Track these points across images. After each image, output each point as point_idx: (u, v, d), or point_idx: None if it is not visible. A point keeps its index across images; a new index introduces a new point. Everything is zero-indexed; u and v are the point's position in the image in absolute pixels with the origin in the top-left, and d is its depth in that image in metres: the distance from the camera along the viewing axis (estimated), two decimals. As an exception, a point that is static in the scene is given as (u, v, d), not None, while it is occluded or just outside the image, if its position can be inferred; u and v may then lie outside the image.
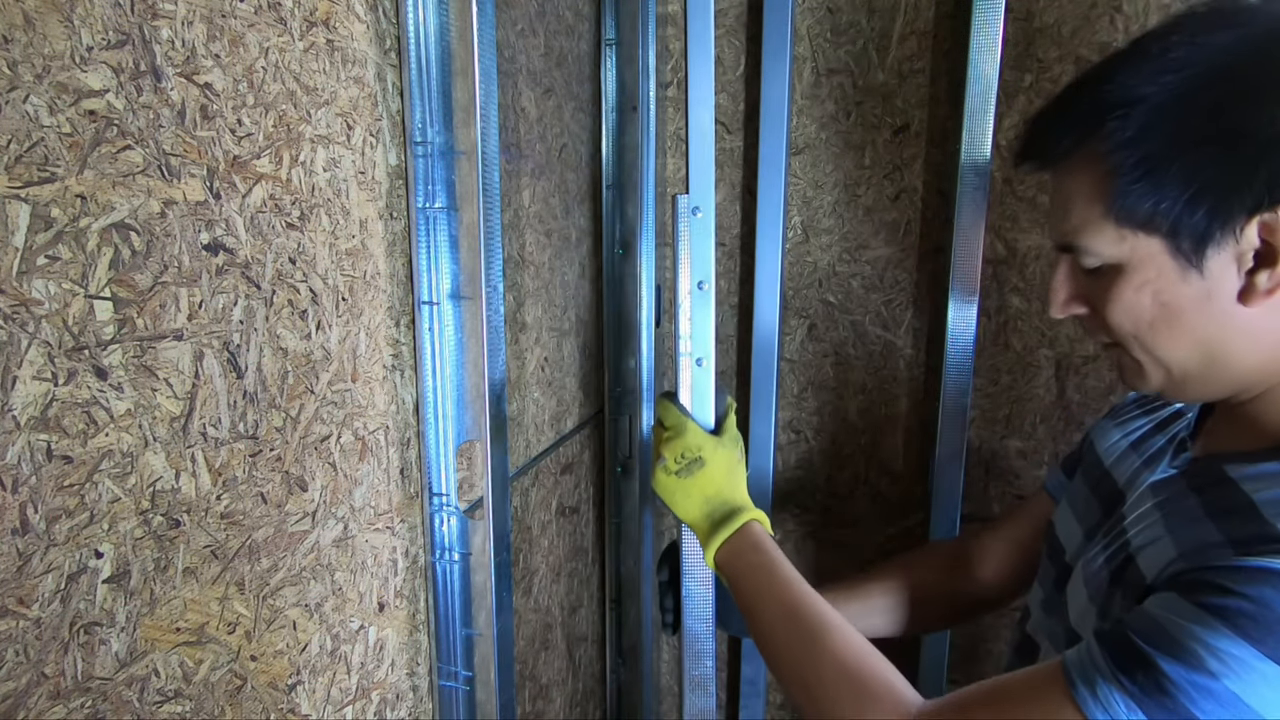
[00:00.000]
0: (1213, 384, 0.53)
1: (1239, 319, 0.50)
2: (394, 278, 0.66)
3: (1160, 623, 0.45)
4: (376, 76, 0.61)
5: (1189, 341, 0.52)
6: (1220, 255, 0.49)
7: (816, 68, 1.14)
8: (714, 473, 0.74)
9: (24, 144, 0.37)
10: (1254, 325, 0.50)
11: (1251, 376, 0.52)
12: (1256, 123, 0.46)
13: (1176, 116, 0.48)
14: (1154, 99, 0.49)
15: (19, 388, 0.37)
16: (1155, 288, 0.51)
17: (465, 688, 0.75)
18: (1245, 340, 0.50)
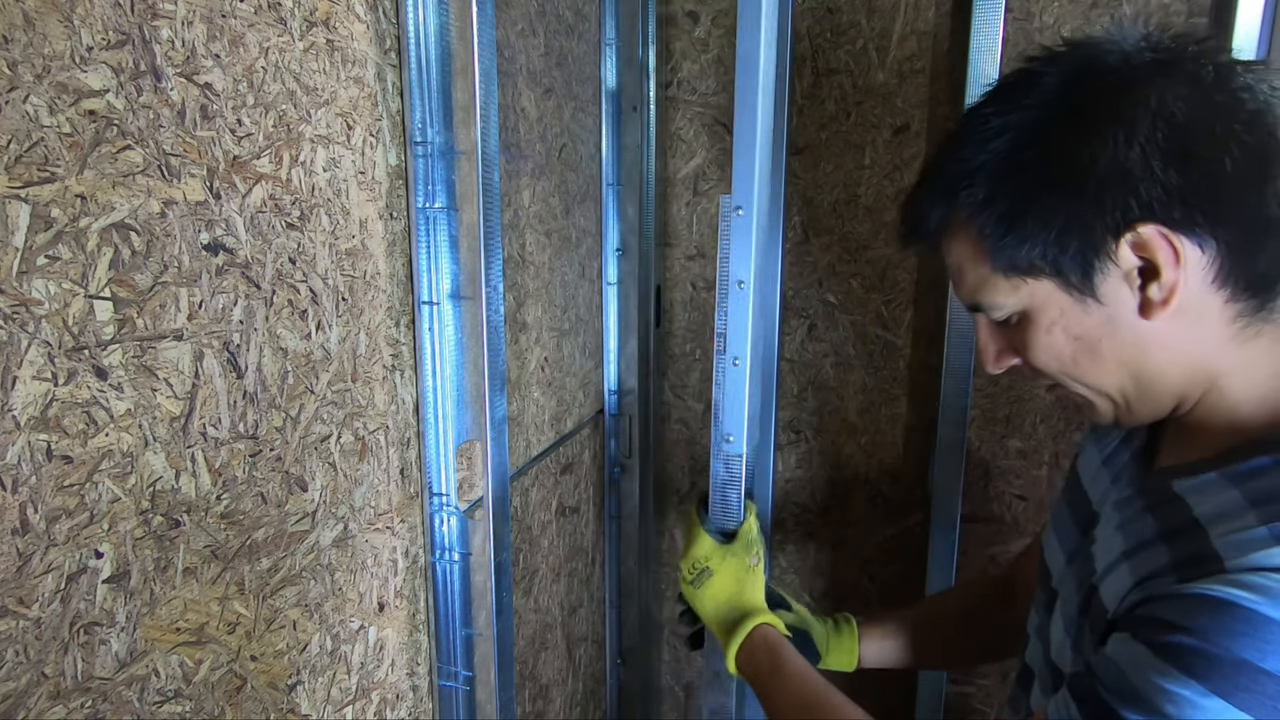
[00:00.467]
0: (1155, 402, 0.55)
1: (1149, 333, 0.52)
2: (394, 278, 0.66)
3: (1122, 671, 0.46)
4: (376, 76, 0.61)
5: (1113, 366, 0.54)
6: (1108, 280, 0.51)
7: (816, 68, 1.14)
8: (722, 581, 0.79)
9: (24, 144, 0.37)
10: (1164, 336, 0.52)
11: (1183, 386, 0.54)
12: (1084, 158, 0.50)
13: (1014, 173, 0.53)
14: (989, 164, 0.54)
15: (19, 388, 0.37)
16: (1063, 324, 0.54)
17: (465, 688, 0.75)
18: (1162, 351, 0.53)
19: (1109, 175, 0.50)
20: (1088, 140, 0.50)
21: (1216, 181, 0.48)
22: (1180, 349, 0.52)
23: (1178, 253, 0.49)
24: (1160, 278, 0.50)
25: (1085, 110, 0.51)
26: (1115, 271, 0.51)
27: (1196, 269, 0.50)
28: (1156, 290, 0.50)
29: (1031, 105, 0.53)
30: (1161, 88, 0.50)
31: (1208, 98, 0.49)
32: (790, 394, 1.25)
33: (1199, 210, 0.49)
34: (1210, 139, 0.49)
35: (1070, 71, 0.53)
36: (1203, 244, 0.49)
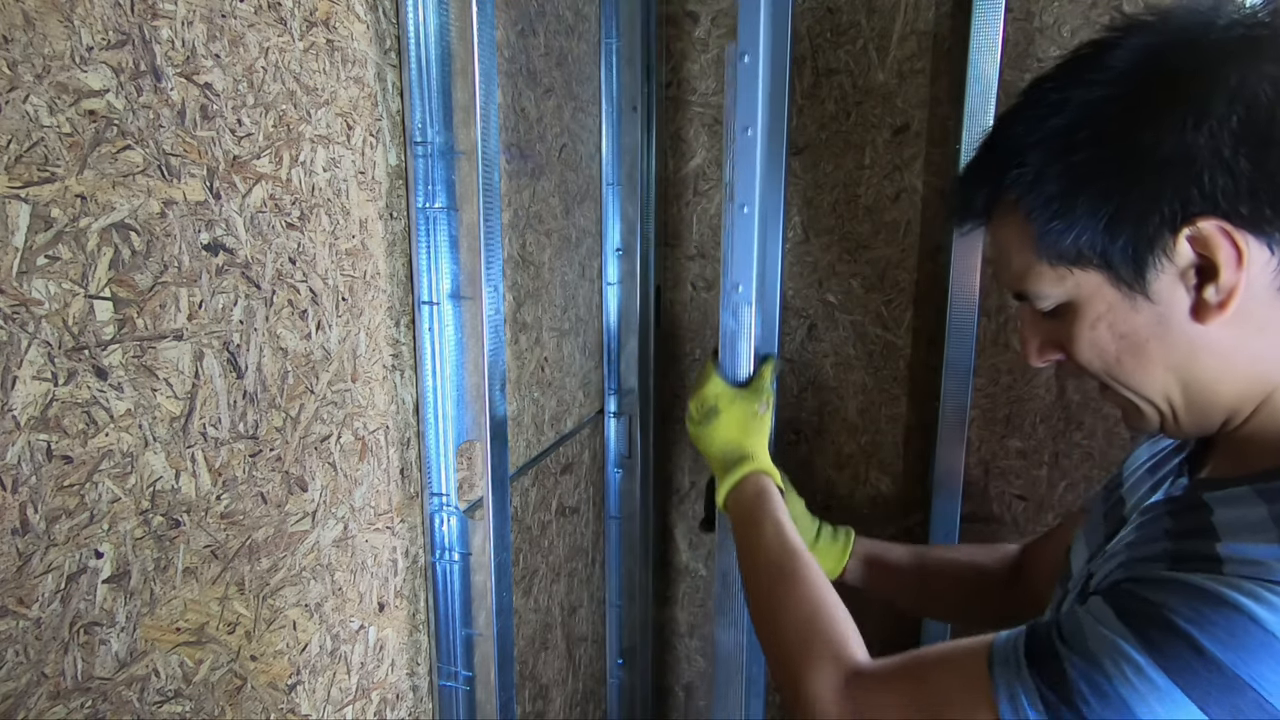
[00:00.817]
0: (1204, 413, 0.52)
1: (1202, 339, 0.48)
2: (394, 278, 0.66)
3: (1081, 624, 0.45)
4: (376, 76, 0.61)
5: (1159, 371, 0.51)
6: (1162, 277, 0.48)
7: (816, 68, 1.14)
8: (727, 422, 0.81)
9: (24, 144, 0.37)
10: (1219, 343, 0.48)
11: (1234, 399, 0.50)
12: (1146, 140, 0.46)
13: (1066, 153, 0.49)
14: (1042, 143, 0.50)
15: (19, 388, 0.37)
16: (1109, 320, 0.51)
17: (465, 688, 0.75)
18: (1214, 360, 0.49)
19: (1171, 160, 0.45)
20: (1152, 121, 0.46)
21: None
22: (1235, 359, 0.48)
23: (1241, 252, 0.45)
24: (1219, 279, 0.46)
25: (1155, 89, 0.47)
26: (1170, 268, 0.47)
27: (1262, 272, 0.46)
28: (1214, 292, 0.46)
29: (1097, 80, 0.49)
30: (1247, 68, 0.44)
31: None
32: (790, 394, 1.25)
33: (1270, 206, 0.44)
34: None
35: (1148, 45, 0.48)
36: (1272, 245, 0.45)
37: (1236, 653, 0.40)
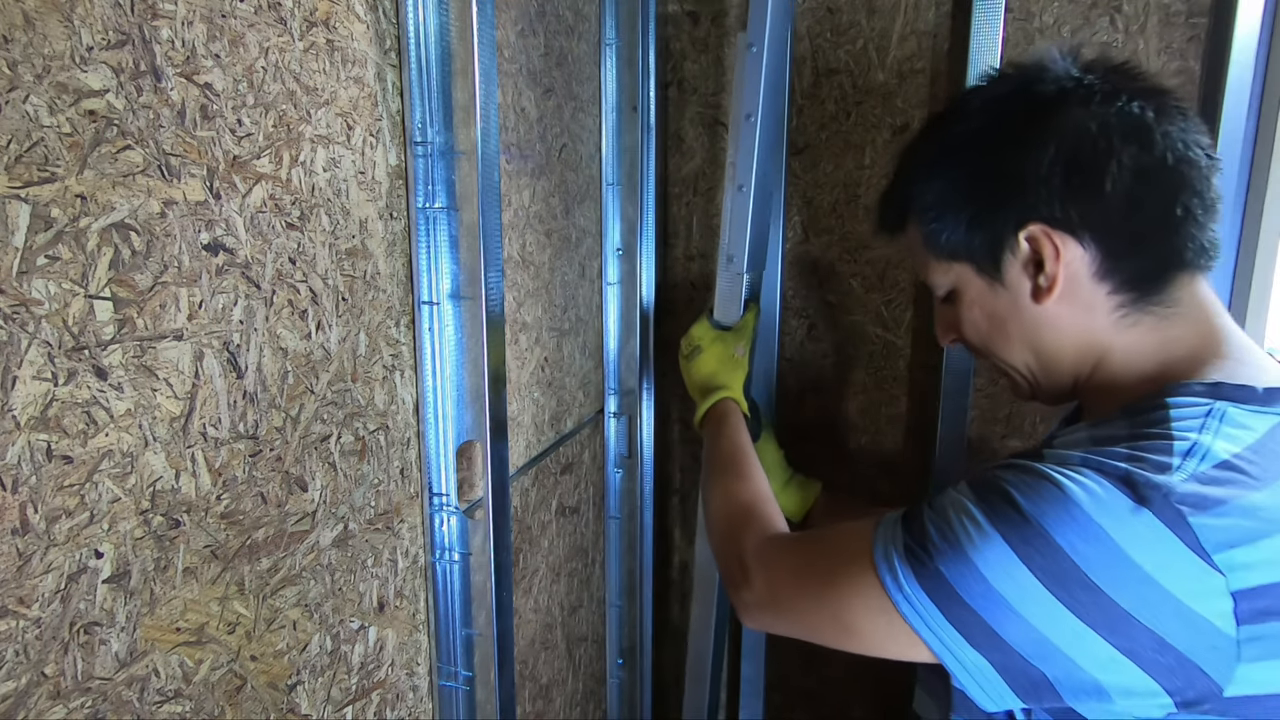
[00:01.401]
0: (1056, 376, 0.64)
1: (1043, 316, 0.61)
2: (394, 278, 0.66)
3: (944, 494, 0.57)
4: (376, 76, 0.61)
5: (1016, 344, 0.64)
6: (1012, 268, 0.62)
7: (816, 68, 1.14)
8: (707, 359, 0.95)
9: (24, 144, 0.37)
10: (1056, 319, 0.61)
11: (1075, 363, 0.63)
12: (996, 165, 0.61)
13: (939, 174, 0.65)
14: (923, 167, 0.67)
15: (19, 388, 0.37)
16: (979, 303, 0.65)
17: (465, 688, 0.75)
18: (1054, 333, 0.62)
19: (1009, 178, 0.60)
20: (996, 150, 0.62)
21: (1095, 194, 0.57)
22: (1069, 331, 0.61)
23: (1058, 249, 0.59)
24: (1045, 269, 0.60)
25: (999, 127, 0.62)
26: (1015, 261, 0.61)
27: (1080, 265, 0.59)
28: (1044, 280, 0.60)
29: (961, 120, 0.65)
30: (1063, 111, 0.59)
31: (1107, 124, 0.58)
32: (790, 394, 1.25)
33: (1078, 215, 0.58)
34: (1097, 158, 0.58)
35: (996, 94, 0.64)
36: (1083, 244, 0.59)
37: (1047, 514, 0.50)
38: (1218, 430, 0.52)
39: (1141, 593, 0.48)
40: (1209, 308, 0.60)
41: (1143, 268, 0.59)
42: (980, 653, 0.52)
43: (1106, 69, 0.61)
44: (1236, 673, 0.49)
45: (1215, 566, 0.48)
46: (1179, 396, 0.55)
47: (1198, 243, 0.59)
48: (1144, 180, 0.57)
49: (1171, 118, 0.58)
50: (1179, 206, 0.58)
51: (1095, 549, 0.49)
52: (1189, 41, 0.99)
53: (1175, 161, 0.57)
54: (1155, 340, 0.60)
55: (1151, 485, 0.49)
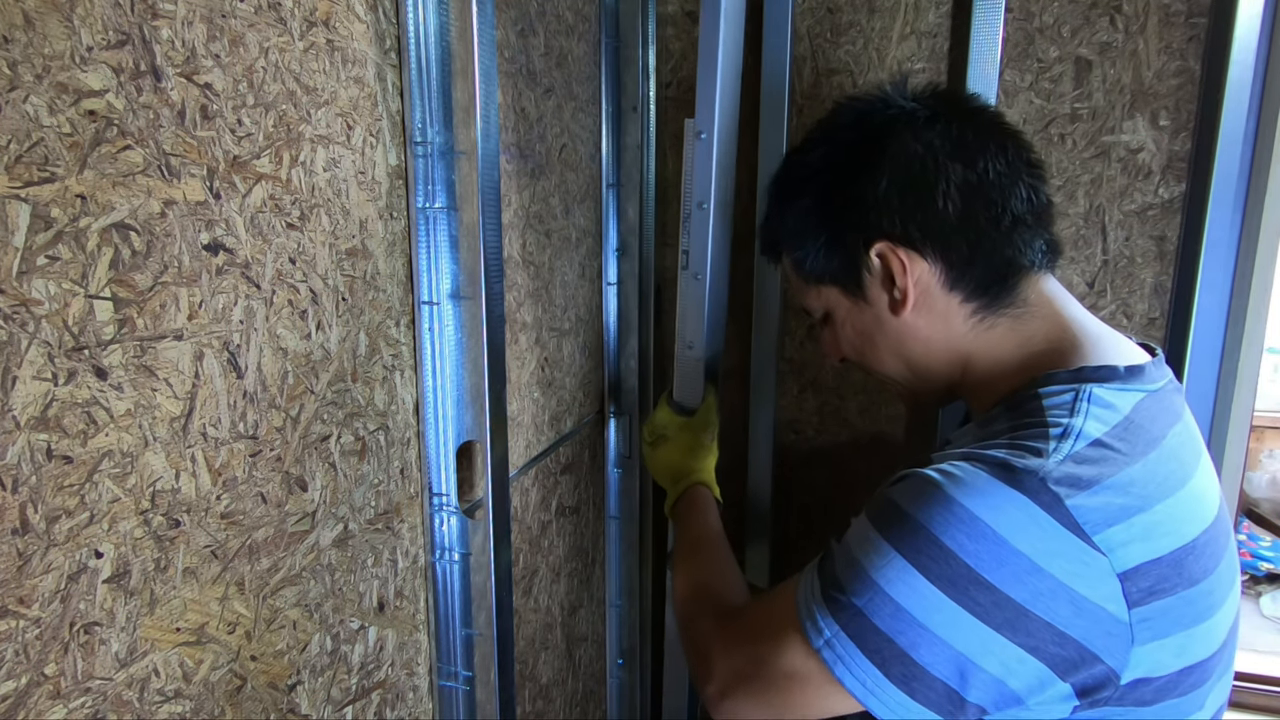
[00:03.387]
0: (929, 381, 0.68)
1: (905, 328, 0.65)
2: (394, 278, 0.66)
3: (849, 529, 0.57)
4: (376, 76, 0.61)
5: (886, 355, 0.68)
6: (871, 286, 0.66)
7: (816, 68, 1.14)
8: (674, 447, 0.96)
9: (24, 144, 0.37)
10: (917, 330, 0.65)
11: (944, 368, 0.66)
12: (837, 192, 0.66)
13: (794, 203, 0.70)
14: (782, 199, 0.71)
15: (19, 388, 0.37)
16: (850, 322, 0.69)
17: (465, 688, 0.75)
18: (914, 342, 0.66)
19: (855, 203, 0.64)
20: (843, 177, 0.66)
21: (930, 211, 0.62)
22: (932, 339, 0.65)
23: (905, 264, 0.63)
24: (896, 284, 0.63)
25: (842, 155, 0.66)
26: (871, 278, 0.65)
27: (928, 277, 0.63)
28: (897, 293, 0.64)
29: (810, 151, 0.69)
30: (902, 137, 0.63)
31: (932, 146, 0.63)
32: (790, 394, 1.25)
33: (918, 231, 0.62)
34: (926, 177, 0.62)
35: (836, 125, 0.69)
36: (927, 257, 0.63)
37: (932, 517, 0.51)
38: (1088, 411, 0.54)
39: (1033, 584, 0.49)
40: (1057, 303, 0.64)
41: (986, 274, 0.63)
42: (900, 688, 0.51)
43: (932, 96, 0.66)
44: (1132, 656, 0.50)
45: (1096, 547, 0.49)
46: (1048, 385, 0.57)
47: (1035, 246, 0.63)
48: (971, 194, 0.61)
49: (990, 135, 0.64)
50: (1007, 215, 0.62)
51: (981, 544, 0.49)
52: (1189, 41, 0.99)
53: (997, 175, 0.62)
54: (1015, 339, 0.63)
55: (1027, 471, 0.50)
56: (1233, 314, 1.01)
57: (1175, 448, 0.55)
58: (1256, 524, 2.59)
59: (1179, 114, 1.01)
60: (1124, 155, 1.04)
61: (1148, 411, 0.56)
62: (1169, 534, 0.51)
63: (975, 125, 0.64)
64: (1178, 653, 0.52)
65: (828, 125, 0.70)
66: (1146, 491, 0.51)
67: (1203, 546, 0.53)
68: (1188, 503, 0.53)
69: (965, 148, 0.62)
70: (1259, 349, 1.02)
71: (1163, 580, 0.51)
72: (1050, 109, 1.06)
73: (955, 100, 0.67)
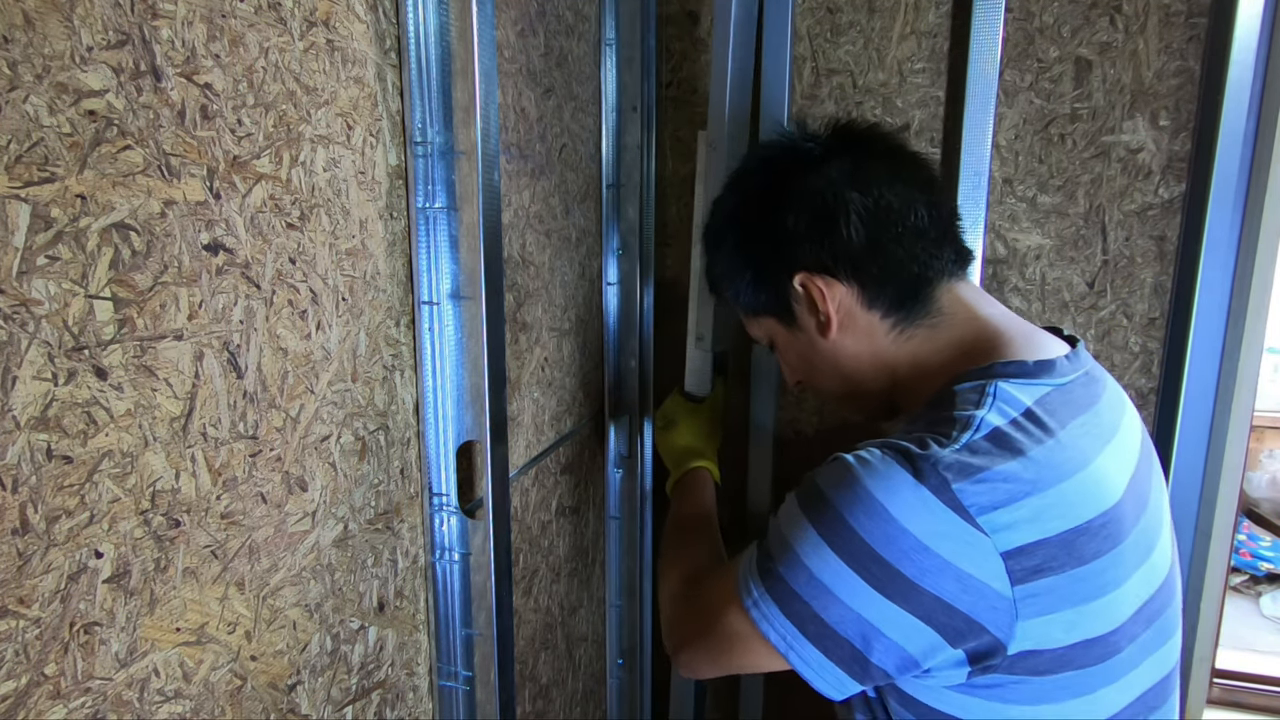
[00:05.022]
0: (865, 395, 0.73)
1: (835, 348, 0.71)
2: (394, 278, 0.66)
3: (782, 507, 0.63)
4: (376, 76, 0.61)
5: (825, 374, 0.73)
6: (800, 313, 0.71)
7: (816, 68, 1.14)
8: (683, 431, 1.04)
9: (24, 144, 0.37)
10: (847, 349, 0.70)
11: (875, 381, 0.71)
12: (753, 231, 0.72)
13: (719, 245, 0.77)
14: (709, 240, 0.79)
15: (19, 388, 0.37)
16: (790, 348, 0.75)
17: (465, 688, 0.75)
18: (846, 359, 0.71)
19: (771, 240, 0.70)
20: (753, 217, 0.72)
21: (838, 239, 0.67)
22: (860, 355, 0.70)
23: (823, 291, 0.68)
24: (816, 310, 0.69)
25: (754, 198, 0.72)
26: (799, 306, 0.71)
27: (847, 299, 0.68)
28: (822, 317, 0.69)
29: (729, 195, 0.77)
30: (804, 176, 0.69)
31: (830, 180, 0.68)
32: (790, 394, 1.25)
33: (831, 259, 0.68)
34: (829, 209, 0.67)
35: (752, 168, 0.75)
36: (843, 281, 0.68)
37: (841, 497, 0.56)
38: (991, 405, 0.58)
39: (920, 561, 0.53)
40: (973, 306, 0.69)
41: (898, 290, 0.67)
42: (814, 645, 0.57)
43: (831, 133, 0.72)
44: (1017, 630, 0.55)
45: (980, 528, 0.53)
46: (962, 384, 0.62)
47: (943, 257, 0.68)
48: (873, 219, 0.66)
49: (883, 161, 0.69)
50: (909, 234, 0.67)
51: (876, 523, 0.54)
52: (1189, 41, 0.99)
53: (895, 197, 0.67)
54: (932, 346, 0.68)
55: (923, 457, 0.55)
56: (1233, 314, 1.01)
57: (1075, 436, 0.59)
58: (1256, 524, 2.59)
59: (1179, 114, 1.01)
60: (1124, 155, 1.04)
61: (1050, 404, 0.60)
62: (1058, 517, 0.55)
63: (870, 154, 0.70)
64: (1067, 628, 0.56)
65: (739, 173, 0.77)
66: (1039, 477, 0.55)
67: (1099, 528, 0.56)
68: (1085, 486, 0.57)
69: (861, 178, 0.67)
70: (1259, 349, 1.02)
71: (1050, 560, 0.54)
72: (1050, 109, 1.06)
73: (851, 133, 0.72)
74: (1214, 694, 1.52)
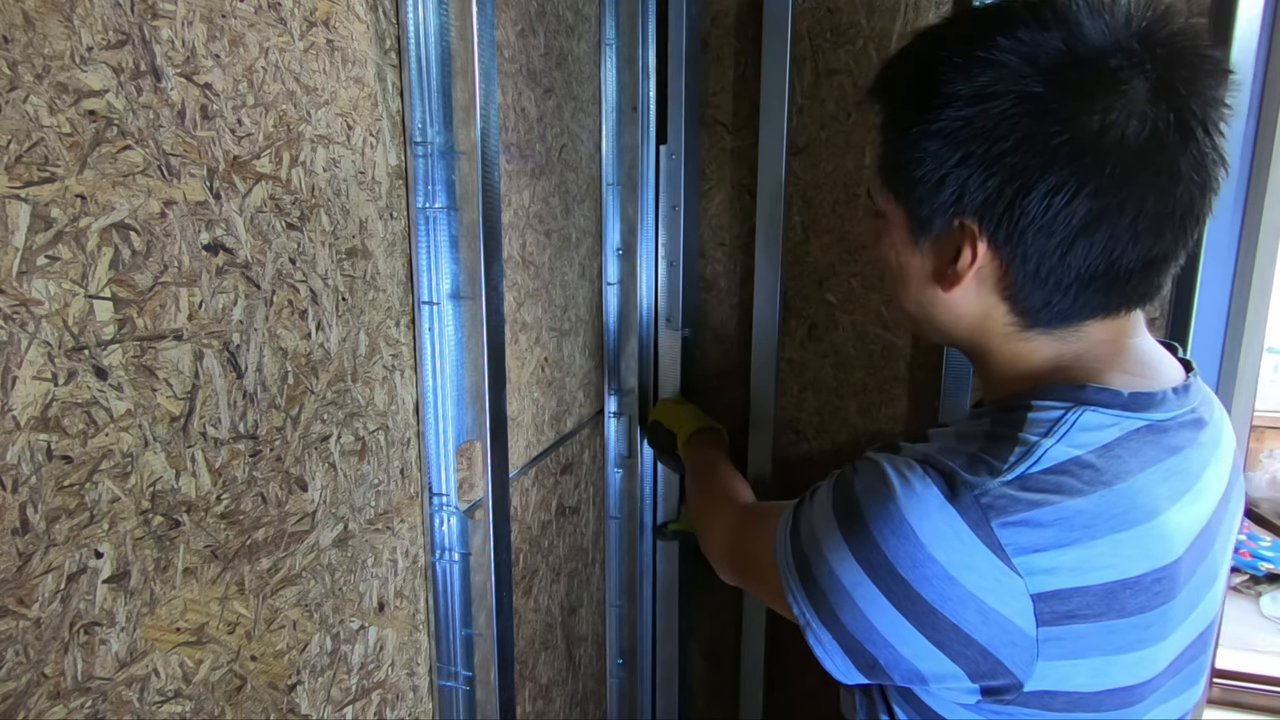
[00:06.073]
0: (935, 335, 0.66)
1: (942, 296, 0.60)
2: (394, 278, 0.66)
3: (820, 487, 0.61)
4: (376, 76, 0.61)
5: (910, 300, 0.64)
6: (933, 242, 0.59)
7: (816, 68, 1.14)
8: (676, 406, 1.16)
9: (24, 144, 0.37)
10: (953, 306, 0.61)
11: (960, 342, 0.64)
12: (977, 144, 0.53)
13: (929, 118, 0.55)
14: (924, 96, 0.55)
15: (19, 388, 0.37)
16: (898, 248, 0.63)
17: (465, 688, 0.75)
18: (947, 315, 0.62)
19: (981, 161, 0.53)
20: (997, 130, 0.52)
21: (1040, 229, 0.53)
22: (960, 322, 0.62)
23: (974, 255, 0.56)
24: (958, 263, 0.57)
25: (1021, 106, 0.52)
26: (942, 240, 0.59)
27: (989, 274, 0.57)
28: (953, 271, 0.58)
29: (998, 69, 0.52)
30: (1098, 111, 0.50)
31: (1116, 142, 0.50)
32: (790, 394, 1.25)
33: (1012, 237, 0.54)
34: (1072, 182, 0.51)
35: (1049, 58, 0.52)
36: (1003, 259, 0.56)
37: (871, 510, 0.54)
38: (1064, 434, 0.53)
39: (942, 589, 0.51)
40: (1120, 331, 0.58)
41: (1049, 305, 0.56)
42: (826, 628, 0.56)
43: (1170, 63, 0.51)
44: (1036, 669, 0.52)
45: (1014, 569, 0.50)
46: (1044, 399, 0.56)
47: (1129, 298, 0.56)
48: (1095, 230, 0.52)
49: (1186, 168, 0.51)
50: (1119, 270, 0.54)
51: (903, 545, 0.52)
52: (1189, 41, 0.99)
53: (1150, 227, 0.52)
54: (1046, 354, 0.59)
55: (966, 485, 0.51)
56: (1233, 314, 1.01)
57: (1152, 483, 0.53)
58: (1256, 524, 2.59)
59: (1179, 114, 1.01)
60: (1124, 155, 1.04)
61: (1135, 443, 0.54)
62: (1105, 567, 0.51)
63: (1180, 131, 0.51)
64: (1093, 675, 0.53)
65: (1025, 42, 0.52)
66: (1093, 524, 0.50)
67: (1150, 584, 0.52)
68: (1145, 541, 0.52)
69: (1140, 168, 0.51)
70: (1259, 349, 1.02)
71: (1085, 608, 0.51)
72: (1050, 109, 1.06)
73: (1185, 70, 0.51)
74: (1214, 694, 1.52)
